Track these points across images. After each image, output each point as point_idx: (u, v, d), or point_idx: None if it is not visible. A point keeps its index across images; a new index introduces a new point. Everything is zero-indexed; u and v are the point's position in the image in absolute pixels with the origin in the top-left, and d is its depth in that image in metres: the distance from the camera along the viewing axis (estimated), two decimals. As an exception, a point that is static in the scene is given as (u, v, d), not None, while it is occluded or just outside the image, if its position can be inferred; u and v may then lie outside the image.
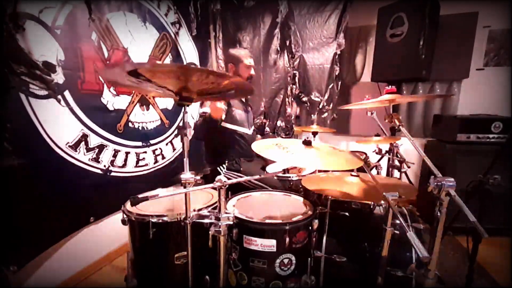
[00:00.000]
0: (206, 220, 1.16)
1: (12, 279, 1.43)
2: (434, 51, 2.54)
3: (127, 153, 2.05)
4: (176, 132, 2.50)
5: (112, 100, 1.91)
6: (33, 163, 1.48)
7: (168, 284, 1.39)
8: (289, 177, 1.89)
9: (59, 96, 1.59)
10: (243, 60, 2.07)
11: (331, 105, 3.07)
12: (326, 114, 3.10)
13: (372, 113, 1.88)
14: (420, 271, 0.94)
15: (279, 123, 3.26)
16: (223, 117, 1.92)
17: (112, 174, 1.95)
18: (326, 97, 3.07)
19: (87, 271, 1.95)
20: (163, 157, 2.42)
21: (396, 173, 2.18)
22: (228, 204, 1.44)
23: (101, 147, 1.85)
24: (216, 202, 1.40)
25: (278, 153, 1.25)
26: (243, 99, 2.19)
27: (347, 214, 1.46)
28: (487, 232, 0.85)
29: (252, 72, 2.12)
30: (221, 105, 1.79)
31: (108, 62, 1.86)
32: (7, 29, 1.32)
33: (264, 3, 3.04)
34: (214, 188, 1.13)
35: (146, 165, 2.24)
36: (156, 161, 2.34)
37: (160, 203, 1.45)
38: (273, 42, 3.10)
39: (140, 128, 2.17)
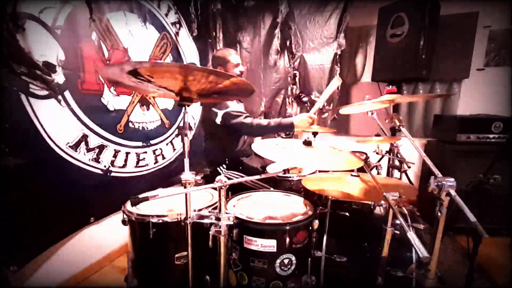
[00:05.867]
0: (206, 220, 1.16)
1: (12, 279, 1.43)
2: (434, 51, 2.54)
3: (127, 153, 2.05)
4: (176, 132, 2.50)
5: (112, 100, 1.91)
6: (33, 163, 1.48)
7: (168, 284, 1.39)
8: (290, 177, 1.89)
9: (59, 96, 1.59)
10: (229, 59, 2.01)
11: (331, 105, 3.07)
12: (326, 114, 3.10)
13: (372, 113, 1.88)
14: (420, 271, 0.94)
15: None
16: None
17: (113, 174, 1.95)
18: (326, 97, 3.07)
19: (88, 271, 1.95)
20: (164, 157, 2.42)
21: (396, 173, 2.18)
22: (228, 204, 1.44)
23: (101, 147, 1.85)
24: (216, 202, 1.40)
25: (278, 153, 1.25)
26: (240, 100, 2.19)
27: (347, 214, 1.46)
28: (487, 232, 0.84)
29: (241, 68, 2.07)
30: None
31: (108, 62, 1.86)
32: (7, 29, 1.32)
33: (264, 3, 3.04)
34: (215, 188, 1.13)
35: (147, 165, 2.24)
36: (156, 161, 2.34)
37: (160, 203, 1.45)
38: (274, 42, 3.10)
39: (140, 128, 2.17)
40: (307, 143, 1.32)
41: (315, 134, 2.45)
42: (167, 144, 2.45)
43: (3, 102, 1.34)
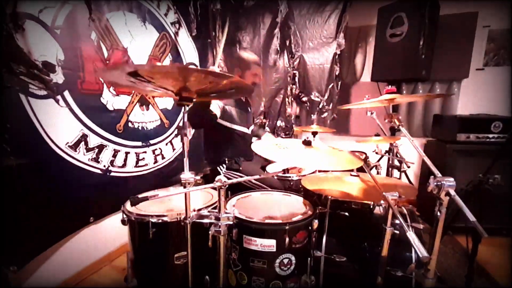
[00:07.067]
0: (206, 220, 1.16)
1: (12, 279, 1.43)
2: (434, 51, 2.54)
3: (126, 153, 2.05)
4: (176, 132, 2.50)
5: (111, 100, 1.91)
6: (32, 163, 1.47)
7: (168, 284, 1.39)
8: (289, 177, 1.89)
9: (59, 96, 1.58)
10: (251, 67, 2.03)
11: (331, 105, 3.08)
12: (326, 114, 3.10)
13: (372, 113, 1.88)
14: (420, 271, 0.94)
15: (279, 123, 3.27)
16: (217, 112, 1.84)
17: (112, 174, 1.95)
18: (326, 97, 3.07)
19: (87, 271, 1.95)
20: (163, 157, 2.42)
21: (396, 173, 2.18)
22: (228, 204, 1.44)
23: (100, 147, 1.85)
24: (216, 202, 1.40)
25: (278, 153, 1.25)
26: (243, 98, 2.19)
27: (347, 214, 1.46)
28: (487, 232, 0.85)
29: (257, 80, 2.09)
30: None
31: (107, 62, 1.86)
32: (6, 29, 1.32)
33: (264, 3, 3.04)
34: (214, 188, 1.13)
35: (146, 165, 2.24)
36: (156, 161, 2.34)
37: (160, 203, 1.45)
38: (273, 42, 3.10)
39: (139, 128, 2.16)
40: (307, 142, 1.32)
41: (314, 134, 2.46)
42: (166, 144, 2.45)
43: (3, 102, 1.34)
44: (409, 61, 2.43)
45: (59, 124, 1.60)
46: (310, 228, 1.31)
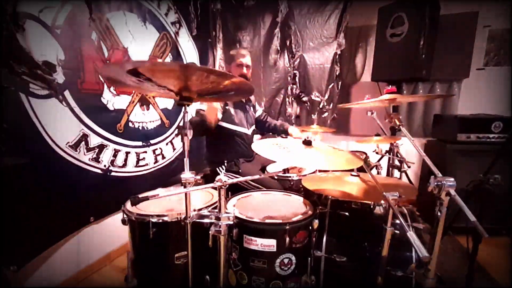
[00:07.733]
0: (206, 220, 1.16)
1: (12, 279, 1.43)
2: (434, 50, 2.54)
3: (127, 153, 2.05)
4: (176, 132, 2.51)
5: (112, 100, 1.91)
6: (33, 163, 1.48)
7: (168, 284, 1.39)
8: (289, 177, 1.89)
9: (59, 96, 1.59)
10: (235, 59, 2.07)
11: (331, 105, 3.08)
12: (326, 114, 3.10)
13: (372, 113, 1.88)
14: (420, 271, 0.94)
15: (279, 122, 3.26)
16: (220, 116, 1.91)
17: (112, 174, 1.95)
18: (326, 96, 3.07)
19: (87, 271, 1.95)
20: (163, 157, 2.42)
21: (396, 173, 2.18)
22: (228, 204, 1.44)
23: (101, 147, 1.85)
24: (216, 202, 1.40)
25: (278, 153, 1.25)
26: (243, 99, 2.19)
27: (347, 214, 1.46)
28: (487, 232, 0.84)
29: (244, 71, 2.07)
30: (217, 104, 1.80)
31: (108, 61, 1.86)
32: (7, 28, 1.32)
33: (264, 2, 3.04)
34: (214, 188, 1.13)
35: (146, 165, 2.24)
36: (156, 161, 2.34)
37: (160, 203, 1.45)
38: (273, 42, 3.10)
39: (140, 128, 2.17)
40: (307, 142, 1.32)
41: (314, 134, 2.46)
42: (167, 144, 2.45)
43: (2, 102, 1.34)
44: (409, 61, 2.43)
45: (60, 124, 1.60)
46: (310, 228, 1.31)
